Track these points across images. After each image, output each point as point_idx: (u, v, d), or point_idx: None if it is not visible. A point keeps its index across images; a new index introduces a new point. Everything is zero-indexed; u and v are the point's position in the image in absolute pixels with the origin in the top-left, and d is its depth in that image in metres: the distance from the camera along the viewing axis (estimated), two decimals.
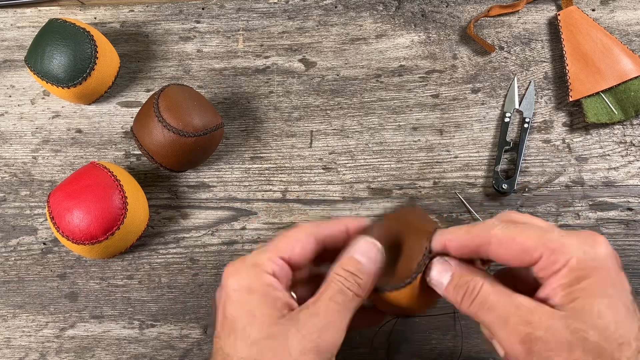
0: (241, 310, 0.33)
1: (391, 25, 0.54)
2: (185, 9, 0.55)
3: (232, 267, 0.35)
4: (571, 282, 0.30)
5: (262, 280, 0.34)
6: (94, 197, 0.44)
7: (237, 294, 0.34)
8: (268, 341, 0.32)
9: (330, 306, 0.33)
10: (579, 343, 0.29)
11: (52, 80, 0.48)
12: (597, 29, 0.51)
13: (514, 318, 0.30)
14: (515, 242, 0.32)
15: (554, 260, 0.31)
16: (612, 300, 0.30)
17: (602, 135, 0.51)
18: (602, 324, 0.29)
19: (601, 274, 0.30)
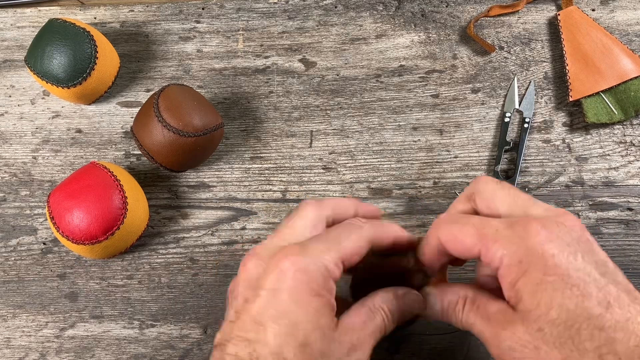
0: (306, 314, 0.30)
1: (391, 25, 0.54)
2: (185, 9, 0.55)
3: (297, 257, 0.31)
4: (512, 281, 0.30)
5: (329, 287, 0.32)
6: (94, 197, 0.44)
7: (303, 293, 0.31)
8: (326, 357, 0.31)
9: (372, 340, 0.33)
10: (541, 342, 0.29)
11: (52, 80, 0.48)
12: (597, 29, 0.51)
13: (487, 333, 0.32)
14: (457, 240, 0.33)
15: (490, 257, 0.31)
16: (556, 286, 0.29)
17: (602, 135, 0.51)
18: (553, 315, 0.29)
19: (537, 264, 0.30)
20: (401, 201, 0.50)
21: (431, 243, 0.35)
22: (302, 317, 0.30)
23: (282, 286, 0.31)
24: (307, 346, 0.30)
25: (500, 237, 0.31)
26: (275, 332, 0.30)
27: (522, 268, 0.30)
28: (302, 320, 0.30)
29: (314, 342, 0.30)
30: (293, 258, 0.31)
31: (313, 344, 0.30)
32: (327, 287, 0.31)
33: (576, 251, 0.30)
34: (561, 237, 0.30)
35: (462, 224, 0.33)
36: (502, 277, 0.31)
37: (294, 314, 0.30)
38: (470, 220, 0.33)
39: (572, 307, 0.29)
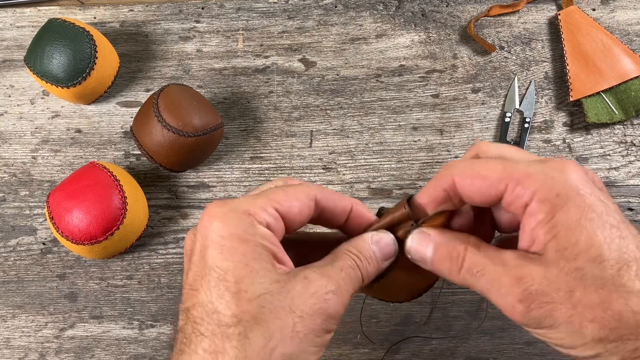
0: (233, 260, 0.28)
1: (391, 25, 0.54)
2: (185, 9, 0.55)
3: (217, 209, 0.29)
4: (546, 217, 0.28)
5: (255, 230, 0.29)
6: (93, 197, 0.44)
7: (226, 242, 0.28)
8: (270, 297, 0.28)
9: (341, 275, 0.30)
10: (577, 283, 0.27)
11: (52, 80, 0.48)
12: (598, 28, 0.51)
13: (506, 279, 0.28)
14: (480, 176, 0.30)
15: (519, 193, 0.28)
16: (597, 225, 0.27)
17: (603, 135, 0.51)
18: (594, 253, 0.27)
19: (576, 200, 0.27)
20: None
21: (440, 183, 0.31)
22: (229, 265, 0.28)
23: (207, 242, 0.29)
24: (240, 292, 0.27)
25: (533, 172, 0.28)
26: (205, 289, 0.28)
27: (559, 202, 0.27)
28: (230, 267, 0.28)
29: (248, 285, 0.28)
30: (211, 210, 0.29)
31: (248, 288, 0.27)
32: (253, 232, 0.29)
33: (607, 197, 0.28)
34: (595, 181, 0.29)
35: (484, 161, 0.30)
36: (532, 214, 0.28)
37: (221, 265, 0.28)
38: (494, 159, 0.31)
39: (615, 247, 0.27)
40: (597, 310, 0.26)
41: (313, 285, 0.29)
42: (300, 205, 0.31)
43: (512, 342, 0.47)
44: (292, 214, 0.31)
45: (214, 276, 0.28)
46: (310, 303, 0.28)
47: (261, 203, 0.30)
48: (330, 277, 0.29)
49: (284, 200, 0.31)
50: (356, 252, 0.32)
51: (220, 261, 0.28)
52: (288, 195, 0.31)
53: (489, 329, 0.48)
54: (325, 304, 0.28)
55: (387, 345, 0.48)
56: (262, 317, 0.27)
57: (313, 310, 0.28)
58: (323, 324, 0.28)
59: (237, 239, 0.28)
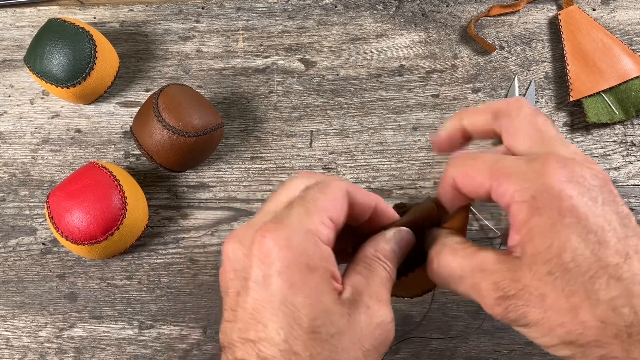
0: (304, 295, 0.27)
1: (391, 25, 0.54)
2: (185, 9, 0.55)
3: (280, 235, 0.27)
4: (523, 218, 0.28)
5: (321, 253, 0.28)
6: (93, 197, 0.44)
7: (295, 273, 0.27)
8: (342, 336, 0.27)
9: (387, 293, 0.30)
10: (549, 288, 0.27)
11: (52, 80, 0.48)
12: (598, 28, 0.51)
13: (484, 284, 0.28)
14: (469, 176, 0.31)
15: (501, 193, 0.29)
16: (573, 230, 0.27)
17: (603, 135, 0.51)
18: (567, 259, 0.27)
19: (553, 203, 0.27)
20: (401, 201, 0.50)
21: (445, 182, 0.32)
22: (300, 302, 0.27)
23: (271, 271, 0.27)
24: (315, 333, 0.27)
25: (514, 172, 0.29)
26: (277, 326, 0.27)
27: (535, 205, 0.28)
28: (301, 305, 0.27)
29: (321, 325, 0.27)
30: (272, 235, 0.27)
31: (321, 328, 0.27)
32: (320, 255, 0.28)
33: (597, 197, 0.28)
34: (582, 180, 0.28)
35: (474, 159, 0.31)
36: (513, 215, 0.28)
37: (292, 300, 0.27)
38: (484, 157, 0.31)
39: (588, 253, 0.27)
40: (565, 316, 0.27)
41: (376, 316, 0.29)
42: (341, 205, 0.30)
43: (512, 342, 0.47)
44: (338, 217, 0.30)
45: (285, 312, 0.27)
46: (376, 335, 0.29)
47: (318, 217, 0.28)
48: (385, 303, 0.30)
49: (331, 206, 0.29)
50: (384, 259, 0.31)
51: (291, 296, 0.27)
52: (329, 198, 0.30)
53: (489, 329, 0.48)
54: (388, 334, 0.29)
55: None
56: (337, 356, 0.27)
57: (378, 342, 0.29)
58: (385, 349, 0.30)
59: (306, 268, 0.27)
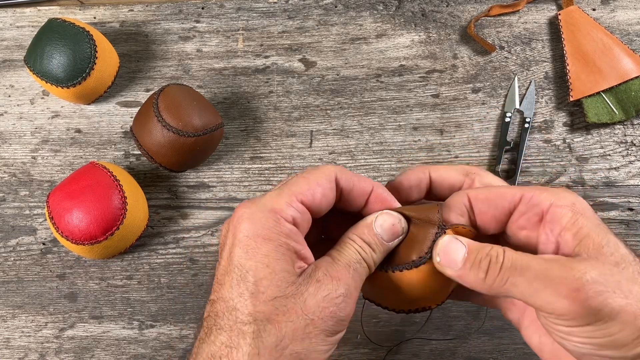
0: (256, 260, 0.29)
1: (391, 25, 0.54)
2: (185, 9, 0.55)
3: (246, 209, 0.31)
4: (570, 220, 0.30)
5: (280, 228, 0.30)
6: (93, 197, 0.44)
7: (251, 242, 0.30)
8: (284, 300, 0.29)
9: (349, 273, 0.31)
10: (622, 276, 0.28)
11: (52, 80, 0.48)
12: (598, 28, 0.51)
13: (556, 270, 0.28)
14: (493, 192, 0.32)
15: (536, 201, 0.31)
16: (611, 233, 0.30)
17: (603, 135, 0.51)
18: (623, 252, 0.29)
19: (588, 211, 0.30)
20: None
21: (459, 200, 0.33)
22: (251, 265, 0.29)
23: (235, 241, 0.30)
24: (258, 293, 0.29)
25: (544, 189, 0.31)
26: (228, 285, 0.30)
27: (578, 209, 0.30)
28: (251, 267, 0.29)
29: (266, 287, 0.29)
30: (242, 210, 0.31)
31: (265, 289, 0.29)
32: (278, 230, 0.30)
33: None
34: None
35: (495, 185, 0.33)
36: (553, 220, 0.30)
37: (244, 264, 0.30)
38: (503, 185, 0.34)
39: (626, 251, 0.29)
40: None
41: (324, 289, 0.30)
42: (322, 190, 0.32)
43: (512, 342, 0.47)
44: (317, 200, 0.32)
45: (236, 274, 0.30)
46: (322, 306, 0.29)
47: (286, 198, 0.31)
48: (340, 279, 0.30)
49: (307, 190, 0.31)
50: (360, 241, 0.32)
51: (244, 260, 0.30)
52: (310, 182, 0.32)
53: (489, 329, 0.48)
54: (336, 307, 0.30)
55: (387, 345, 0.48)
56: (276, 318, 0.29)
57: (324, 314, 0.29)
58: (334, 325, 0.30)
59: (262, 238, 0.30)
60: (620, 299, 0.27)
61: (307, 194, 0.31)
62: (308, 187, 0.32)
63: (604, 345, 0.27)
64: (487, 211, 0.32)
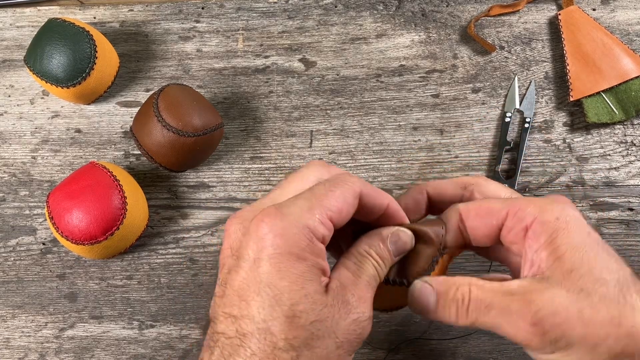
0: (289, 281, 0.28)
1: (391, 25, 0.54)
2: (185, 9, 0.55)
3: (277, 221, 0.29)
4: (548, 238, 0.29)
5: (314, 248, 0.29)
6: (93, 197, 0.44)
7: (284, 259, 0.28)
8: (320, 324, 0.28)
9: (370, 292, 0.31)
10: (586, 303, 0.28)
11: (52, 80, 0.48)
12: (598, 28, 0.51)
13: (515, 305, 0.29)
14: (482, 208, 0.32)
15: (520, 216, 0.31)
16: (597, 249, 0.29)
17: (603, 135, 0.51)
18: (597, 274, 0.28)
19: (577, 223, 0.30)
20: None
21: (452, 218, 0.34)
22: (285, 286, 0.28)
23: (262, 255, 0.29)
24: (295, 317, 0.28)
25: (532, 200, 0.31)
26: (258, 305, 0.28)
27: (560, 225, 0.29)
28: (285, 289, 0.28)
29: (302, 311, 0.28)
30: (270, 221, 0.29)
31: (302, 314, 0.28)
32: (311, 249, 0.29)
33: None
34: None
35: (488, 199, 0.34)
36: (533, 237, 0.30)
37: (277, 284, 0.28)
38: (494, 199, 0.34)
39: (613, 269, 0.28)
40: (609, 327, 0.27)
41: (354, 313, 0.30)
42: (348, 207, 0.31)
43: (512, 342, 0.47)
44: (343, 217, 0.31)
45: (269, 294, 0.28)
46: (351, 329, 0.29)
47: (318, 214, 0.29)
48: (365, 301, 0.30)
49: (336, 207, 0.30)
50: (376, 256, 0.32)
51: (277, 280, 0.28)
52: (337, 198, 0.31)
53: None
54: (362, 330, 0.30)
55: (387, 345, 0.48)
56: (312, 343, 0.28)
57: (353, 337, 0.29)
58: (358, 345, 0.30)
59: (295, 257, 0.29)
60: (579, 328, 0.27)
61: (336, 211, 0.30)
62: (337, 204, 0.30)
63: None
64: (478, 227, 0.33)
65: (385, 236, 0.33)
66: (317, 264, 0.29)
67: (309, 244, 0.29)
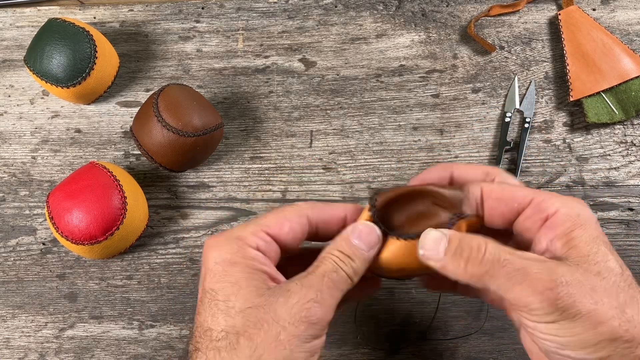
0: (224, 282, 0.31)
1: (391, 25, 0.54)
2: (185, 9, 0.55)
3: (213, 241, 0.33)
4: (568, 228, 0.30)
5: (245, 253, 0.32)
6: (93, 197, 0.44)
7: (219, 267, 0.32)
8: (254, 310, 0.30)
9: (323, 281, 0.31)
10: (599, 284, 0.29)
11: (52, 80, 0.48)
12: (598, 28, 0.51)
13: (535, 267, 0.29)
14: (506, 191, 0.33)
15: (543, 207, 0.31)
16: (609, 248, 0.30)
17: (603, 135, 0.51)
18: (611, 265, 0.29)
19: (589, 224, 0.31)
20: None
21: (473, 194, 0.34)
22: (220, 287, 0.31)
23: (205, 271, 0.32)
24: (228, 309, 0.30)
25: (556, 195, 0.32)
26: (202, 311, 0.31)
27: (579, 221, 0.31)
28: (220, 289, 0.31)
29: (234, 302, 0.30)
30: (209, 241, 0.33)
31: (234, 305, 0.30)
32: (243, 254, 0.32)
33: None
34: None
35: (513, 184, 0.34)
36: (551, 227, 0.31)
37: (214, 287, 0.31)
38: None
39: (619, 269, 0.30)
40: (615, 310, 0.28)
41: (294, 296, 0.30)
42: (290, 224, 0.34)
43: (512, 342, 0.47)
44: (284, 233, 0.33)
45: (208, 297, 0.31)
46: (292, 313, 0.30)
47: (251, 229, 0.33)
48: (311, 286, 0.31)
49: (274, 223, 0.33)
50: (337, 252, 0.33)
51: (214, 284, 0.31)
52: (278, 217, 0.34)
53: (489, 329, 0.48)
54: (307, 312, 0.30)
55: (387, 346, 0.48)
56: (248, 330, 0.30)
57: (295, 319, 0.30)
58: (307, 330, 0.30)
59: (229, 262, 0.32)
60: (589, 303, 0.28)
61: (273, 227, 0.33)
62: (275, 221, 0.33)
63: (566, 345, 0.29)
64: (497, 208, 0.33)
65: (347, 234, 0.33)
66: (252, 266, 0.31)
67: (239, 249, 0.32)
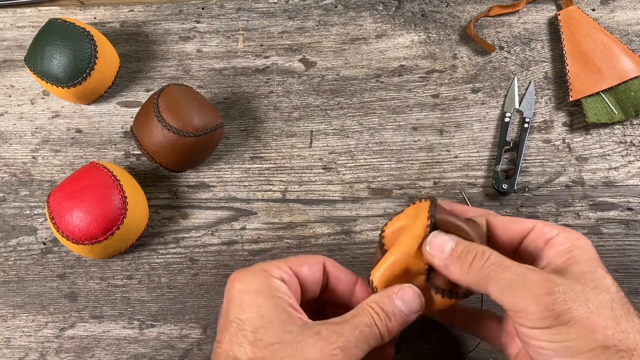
0: (251, 312, 0.32)
1: (391, 25, 0.54)
2: (185, 9, 0.55)
3: (238, 274, 0.35)
4: (567, 249, 0.32)
5: (270, 283, 0.33)
6: (93, 197, 0.44)
7: (244, 296, 0.33)
8: (282, 346, 0.31)
9: (354, 333, 0.32)
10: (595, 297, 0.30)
11: (52, 80, 0.48)
12: (597, 28, 0.51)
13: (534, 275, 0.30)
14: (513, 221, 0.36)
15: (545, 232, 0.34)
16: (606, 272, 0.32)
17: (602, 135, 0.51)
18: (608, 283, 0.31)
19: (587, 248, 0.33)
20: (401, 201, 0.50)
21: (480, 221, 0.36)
22: (247, 317, 0.32)
23: (229, 301, 0.34)
24: (257, 341, 0.31)
25: (555, 224, 0.34)
26: (227, 340, 0.32)
27: (578, 243, 0.33)
28: (247, 319, 0.32)
29: (263, 335, 0.31)
30: (233, 275, 0.35)
31: (263, 336, 0.31)
32: (268, 284, 0.33)
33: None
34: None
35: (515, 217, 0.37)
36: (554, 245, 0.33)
37: (240, 316, 0.32)
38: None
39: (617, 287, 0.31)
40: (610, 322, 0.29)
41: (323, 342, 0.31)
42: (309, 267, 0.36)
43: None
44: (304, 273, 0.35)
45: (234, 327, 0.32)
46: (318, 356, 0.30)
47: (275, 263, 0.35)
48: (341, 335, 0.32)
49: (296, 262, 0.36)
50: (378, 308, 0.34)
51: (240, 313, 0.33)
52: (298, 258, 0.36)
53: None
54: (332, 359, 0.31)
55: None
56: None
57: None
58: None
59: (254, 292, 0.33)
60: (584, 312, 0.29)
61: (294, 264, 0.35)
62: (296, 260, 0.36)
63: (559, 351, 0.30)
64: (503, 236, 0.35)
65: (392, 292, 0.34)
66: (277, 297, 0.33)
67: (264, 279, 0.33)
